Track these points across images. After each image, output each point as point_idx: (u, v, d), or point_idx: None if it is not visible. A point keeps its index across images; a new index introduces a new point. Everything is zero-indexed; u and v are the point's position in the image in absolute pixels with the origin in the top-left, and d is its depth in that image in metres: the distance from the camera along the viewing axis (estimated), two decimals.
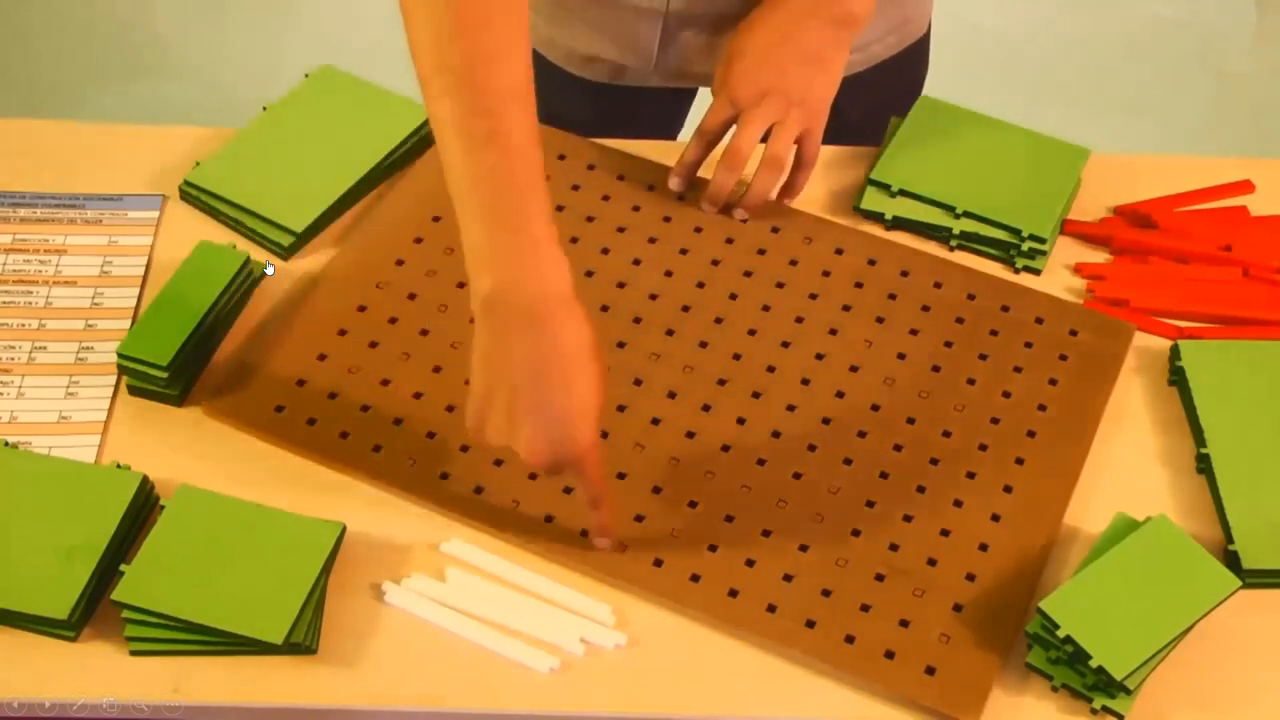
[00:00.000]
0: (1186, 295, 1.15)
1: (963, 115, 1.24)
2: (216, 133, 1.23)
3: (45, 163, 1.20)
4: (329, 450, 1.02)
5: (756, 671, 0.94)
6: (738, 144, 1.16)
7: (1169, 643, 0.93)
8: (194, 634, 0.92)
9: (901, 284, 1.15)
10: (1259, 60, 2.73)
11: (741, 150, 1.15)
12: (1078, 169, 1.22)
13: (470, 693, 0.92)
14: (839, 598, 0.96)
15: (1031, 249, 1.17)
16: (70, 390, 1.06)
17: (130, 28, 2.65)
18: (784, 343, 1.10)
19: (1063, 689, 0.93)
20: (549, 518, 1.00)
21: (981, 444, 1.05)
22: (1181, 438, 1.08)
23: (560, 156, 1.22)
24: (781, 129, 1.15)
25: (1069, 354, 1.11)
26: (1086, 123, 2.26)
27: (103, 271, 1.13)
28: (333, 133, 1.21)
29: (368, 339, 1.09)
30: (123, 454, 1.02)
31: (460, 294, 1.12)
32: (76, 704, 0.91)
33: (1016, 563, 0.99)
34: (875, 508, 1.01)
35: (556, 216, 1.16)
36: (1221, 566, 0.96)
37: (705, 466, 1.03)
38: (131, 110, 2.46)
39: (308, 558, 0.94)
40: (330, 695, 0.92)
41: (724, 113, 1.17)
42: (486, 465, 1.02)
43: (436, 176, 1.20)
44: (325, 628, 0.94)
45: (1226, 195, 1.23)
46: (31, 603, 0.92)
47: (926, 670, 0.93)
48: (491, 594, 0.96)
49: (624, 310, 1.11)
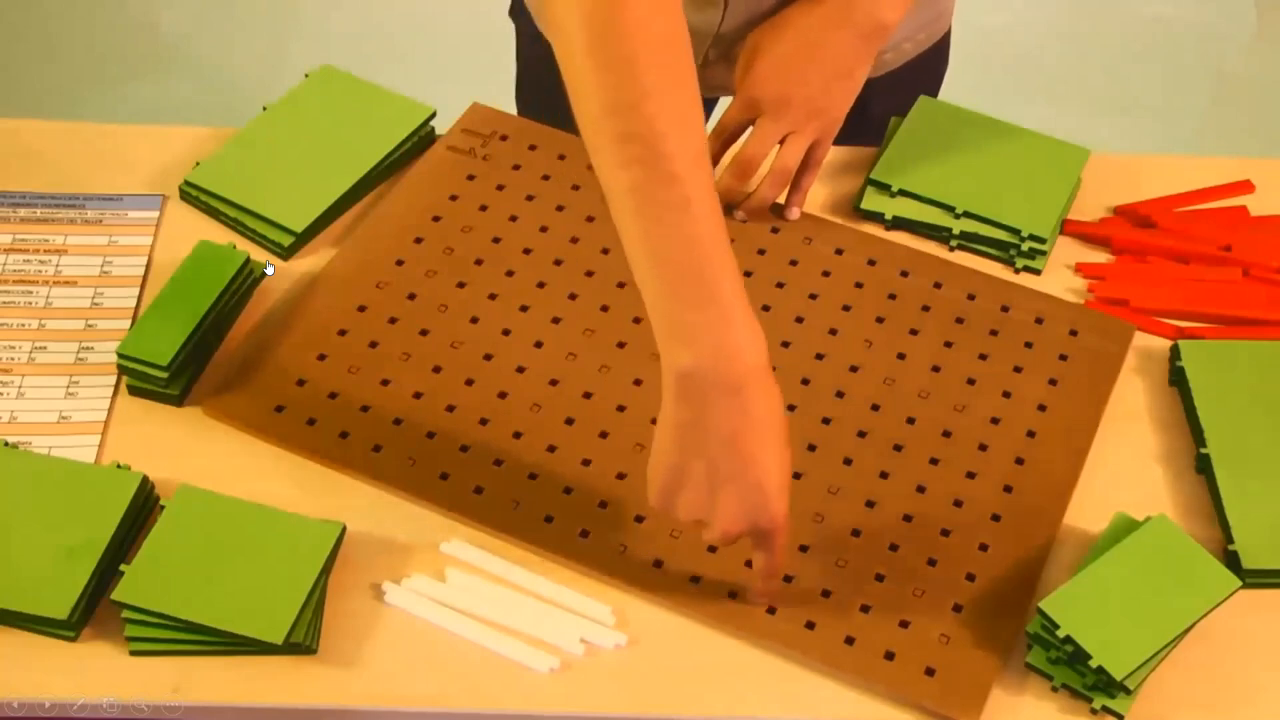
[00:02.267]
0: (1186, 295, 1.15)
1: (963, 115, 1.24)
2: (216, 133, 1.23)
3: (45, 163, 1.20)
4: (329, 450, 1.02)
5: (756, 671, 0.94)
6: (749, 153, 1.16)
7: (1169, 643, 0.93)
8: (194, 634, 0.92)
9: (901, 284, 1.15)
10: (1259, 60, 2.73)
11: (753, 160, 1.15)
12: (1078, 169, 1.22)
13: (470, 693, 0.92)
14: (839, 598, 0.96)
15: (1031, 249, 1.17)
16: (70, 390, 1.06)
17: (130, 28, 2.65)
18: (784, 343, 1.10)
19: (1063, 689, 0.93)
20: (549, 518, 1.00)
21: (981, 444, 1.05)
22: (1181, 438, 1.08)
23: (560, 156, 1.22)
24: (796, 139, 1.15)
25: (1069, 354, 1.11)
26: (1086, 123, 2.26)
27: (103, 271, 1.13)
28: (333, 133, 1.21)
29: (368, 339, 1.09)
30: (123, 454, 1.02)
31: (460, 294, 1.12)
32: (76, 704, 0.91)
33: (1016, 563, 0.99)
34: (875, 508, 1.01)
35: (557, 217, 1.18)
36: (1221, 566, 0.96)
37: None
38: (131, 110, 2.46)
39: (308, 558, 0.94)
40: (330, 695, 0.92)
41: (743, 113, 1.17)
42: (487, 465, 1.02)
43: (437, 176, 1.21)
44: (325, 628, 0.94)
45: (1226, 195, 1.23)
46: (31, 603, 0.92)
47: (926, 671, 0.93)
48: (491, 594, 0.96)
49: (624, 310, 1.11)
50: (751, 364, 0.87)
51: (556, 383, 1.07)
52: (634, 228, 0.88)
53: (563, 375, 1.07)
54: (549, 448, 1.03)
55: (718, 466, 0.88)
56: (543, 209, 1.18)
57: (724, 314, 0.87)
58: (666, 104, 0.87)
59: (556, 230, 1.17)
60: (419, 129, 1.22)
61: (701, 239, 0.87)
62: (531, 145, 1.23)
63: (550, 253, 1.15)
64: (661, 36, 0.89)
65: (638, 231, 0.88)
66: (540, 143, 1.23)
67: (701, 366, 0.87)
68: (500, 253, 1.15)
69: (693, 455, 0.89)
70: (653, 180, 0.87)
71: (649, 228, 0.87)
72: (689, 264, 0.87)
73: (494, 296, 1.12)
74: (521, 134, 1.24)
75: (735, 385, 0.87)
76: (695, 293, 0.87)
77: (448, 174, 1.20)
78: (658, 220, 0.87)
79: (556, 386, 1.07)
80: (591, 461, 1.02)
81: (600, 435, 1.04)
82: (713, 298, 0.87)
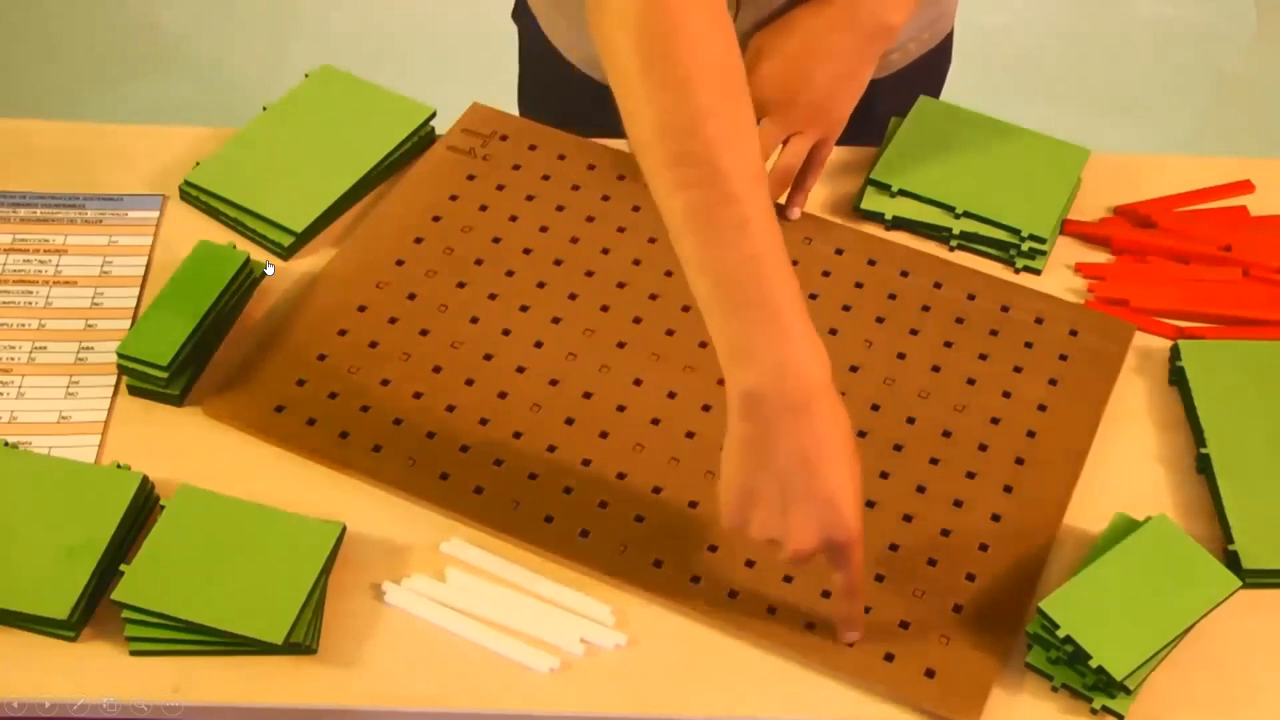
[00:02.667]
0: (1186, 295, 1.15)
1: (963, 115, 1.24)
2: (216, 133, 1.23)
3: (45, 163, 1.20)
4: (329, 450, 1.02)
5: (756, 671, 0.94)
6: None
7: (1169, 643, 0.93)
8: (194, 634, 0.92)
9: (901, 284, 1.15)
10: (1259, 60, 2.73)
11: None
12: (1078, 169, 1.22)
13: (470, 693, 0.92)
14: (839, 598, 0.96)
15: (1031, 249, 1.17)
16: (70, 390, 1.06)
17: (130, 28, 2.65)
18: None
19: (1063, 689, 0.93)
20: (549, 518, 1.00)
21: (981, 444, 1.05)
22: (1181, 438, 1.08)
23: (560, 156, 1.22)
24: (799, 140, 1.15)
25: (1069, 354, 1.11)
26: (1086, 123, 2.26)
27: (103, 271, 1.13)
28: (333, 133, 1.21)
29: (368, 339, 1.09)
30: (123, 454, 1.02)
31: (460, 294, 1.12)
32: (76, 704, 0.91)
33: (1016, 563, 0.99)
34: (875, 508, 1.01)
35: (557, 217, 1.18)
36: (1221, 566, 0.96)
37: (705, 466, 1.02)
38: (131, 110, 2.46)
39: (308, 558, 0.94)
40: (330, 695, 0.92)
41: None
42: (487, 465, 1.02)
43: (437, 176, 1.21)
44: (325, 628, 0.94)
45: (1226, 195, 1.23)
46: (31, 603, 0.92)
47: (926, 671, 0.93)
48: (491, 594, 0.96)
49: (624, 310, 1.12)
50: (815, 381, 0.87)
51: (556, 383, 1.07)
52: (692, 249, 0.87)
53: (563, 375, 1.07)
54: (549, 448, 1.03)
55: (788, 484, 0.87)
56: (543, 209, 1.18)
57: (786, 332, 0.86)
58: (723, 124, 0.87)
59: (556, 230, 1.17)
60: (419, 129, 1.22)
61: (762, 258, 0.86)
62: (531, 145, 1.23)
63: (550, 253, 1.15)
64: (716, 56, 0.89)
65: (696, 252, 0.87)
66: (540, 143, 1.23)
67: (765, 386, 0.86)
68: (500, 253, 1.15)
69: (762, 475, 0.88)
70: (710, 201, 0.86)
71: (708, 248, 0.87)
72: (749, 283, 0.86)
73: (494, 296, 1.12)
74: (521, 134, 1.24)
75: (800, 403, 0.86)
76: (757, 312, 0.86)
77: (448, 174, 1.20)
78: (717, 240, 0.87)
79: (556, 386, 1.07)
80: (591, 461, 1.02)
81: (600, 435, 1.04)
82: (774, 316, 0.86)
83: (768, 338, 0.86)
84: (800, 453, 0.86)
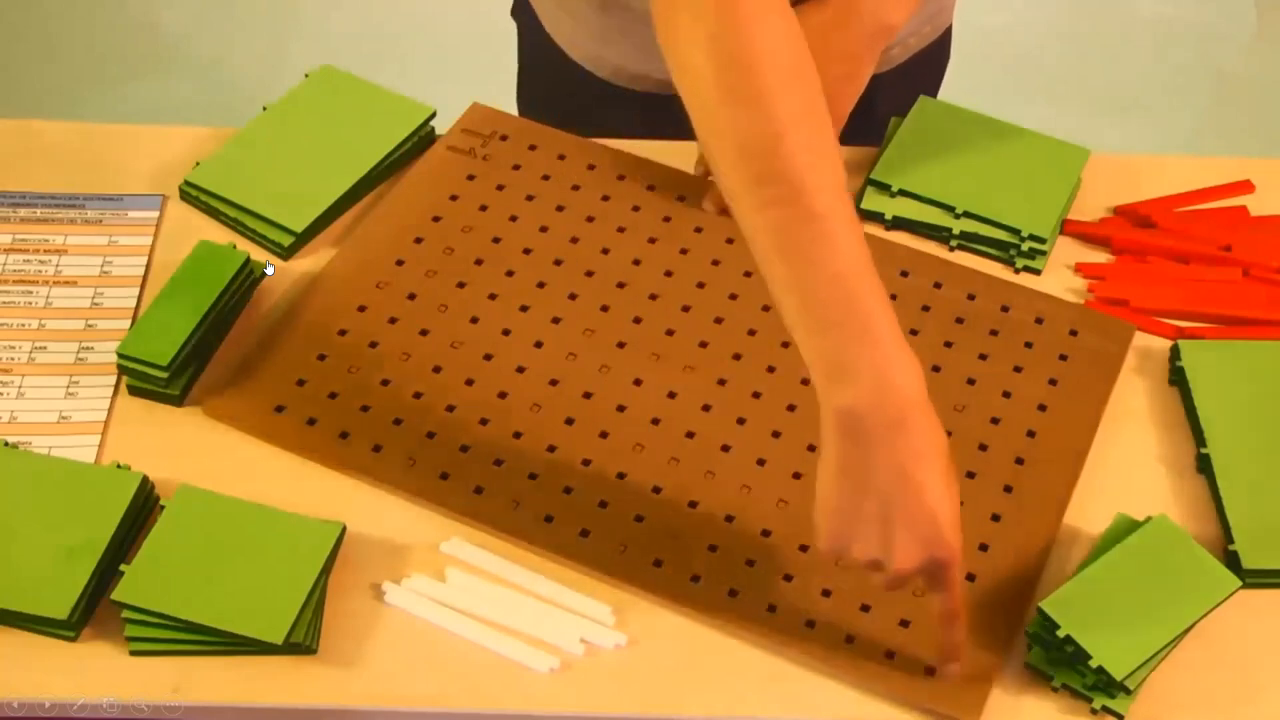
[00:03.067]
0: (1186, 295, 1.15)
1: (963, 115, 1.24)
2: (216, 133, 1.23)
3: (45, 163, 1.20)
4: (329, 450, 1.02)
5: (756, 671, 0.94)
6: None
7: (1169, 643, 0.93)
8: (194, 634, 0.92)
9: (901, 284, 1.15)
10: (1259, 60, 2.73)
11: None
12: (1078, 169, 1.22)
13: (470, 693, 0.92)
14: (839, 598, 0.96)
15: (1031, 249, 1.17)
16: (70, 390, 1.06)
17: (130, 28, 2.65)
18: (784, 343, 1.10)
19: (1063, 689, 0.93)
20: (549, 518, 1.00)
21: (981, 444, 1.05)
22: (1181, 438, 1.08)
23: (560, 156, 1.22)
24: None
25: (1069, 354, 1.11)
26: (1086, 123, 2.26)
27: (103, 271, 1.13)
28: (333, 133, 1.21)
29: (368, 339, 1.09)
30: (123, 454, 1.02)
31: (460, 294, 1.12)
32: (76, 704, 0.91)
33: (1016, 563, 0.99)
34: None
35: (557, 217, 1.18)
36: (1221, 566, 0.96)
37: (705, 466, 1.03)
38: (131, 110, 2.46)
39: (308, 558, 0.94)
40: (330, 695, 0.92)
41: None
42: (487, 465, 1.02)
43: (437, 176, 1.21)
44: (325, 628, 0.94)
45: (1226, 195, 1.23)
46: (31, 603, 0.92)
47: (926, 671, 0.93)
48: (491, 594, 0.96)
49: (624, 310, 1.12)
50: (911, 396, 0.85)
51: (556, 383, 1.07)
52: (779, 267, 0.86)
53: (563, 375, 1.07)
54: (549, 448, 1.03)
55: (889, 501, 0.85)
56: (543, 209, 1.18)
57: (879, 347, 0.85)
58: (802, 139, 0.86)
59: (556, 230, 1.17)
60: (419, 129, 1.22)
61: (849, 274, 0.85)
62: (531, 145, 1.23)
63: (550, 253, 1.15)
64: (790, 67, 0.88)
65: (783, 271, 0.86)
66: (540, 143, 1.23)
67: (862, 403, 0.85)
68: (500, 253, 1.15)
69: (862, 494, 0.86)
70: (795, 219, 0.85)
71: (795, 267, 0.86)
72: (839, 300, 0.85)
73: (494, 296, 1.12)
74: (521, 134, 1.24)
75: (898, 419, 0.85)
76: (848, 329, 0.85)
77: (448, 174, 1.20)
78: (803, 259, 0.85)
79: (556, 386, 1.07)
80: (591, 461, 1.02)
81: (600, 435, 1.04)
82: (866, 331, 0.85)
83: (861, 355, 0.85)
84: (900, 470, 0.85)
